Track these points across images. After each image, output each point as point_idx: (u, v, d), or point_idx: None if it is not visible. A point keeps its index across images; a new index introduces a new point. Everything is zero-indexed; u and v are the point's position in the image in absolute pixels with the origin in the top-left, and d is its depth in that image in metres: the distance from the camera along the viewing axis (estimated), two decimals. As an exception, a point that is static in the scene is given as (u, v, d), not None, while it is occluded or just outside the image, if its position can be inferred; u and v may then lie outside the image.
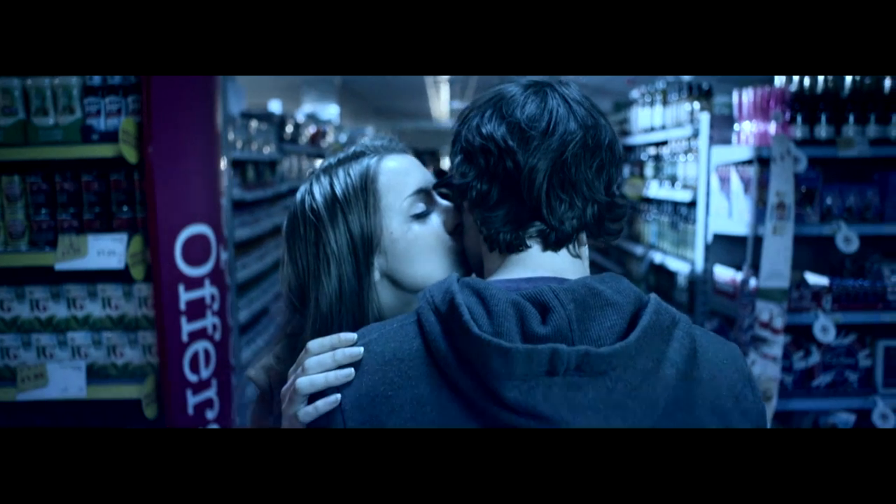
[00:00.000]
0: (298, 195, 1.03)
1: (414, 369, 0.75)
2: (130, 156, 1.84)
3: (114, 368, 2.00)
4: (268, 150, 3.26)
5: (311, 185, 1.02)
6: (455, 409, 0.73)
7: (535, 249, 0.82)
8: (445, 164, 18.14)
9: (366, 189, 0.97)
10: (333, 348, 0.80)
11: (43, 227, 1.97)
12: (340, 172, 0.99)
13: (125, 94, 1.91)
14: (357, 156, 1.02)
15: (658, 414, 0.72)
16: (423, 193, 1.01)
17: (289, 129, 3.74)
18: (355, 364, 0.78)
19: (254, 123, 3.06)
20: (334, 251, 0.96)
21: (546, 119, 0.79)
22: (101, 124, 1.93)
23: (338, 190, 0.98)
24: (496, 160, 0.79)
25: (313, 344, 0.82)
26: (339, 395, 0.77)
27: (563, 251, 0.82)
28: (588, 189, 0.79)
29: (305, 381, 0.79)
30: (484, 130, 0.81)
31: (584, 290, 0.75)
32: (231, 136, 2.67)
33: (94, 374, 1.98)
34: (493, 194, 0.80)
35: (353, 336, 0.80)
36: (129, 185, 1.95)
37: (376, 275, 0.98)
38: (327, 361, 0.79)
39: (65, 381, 1.94)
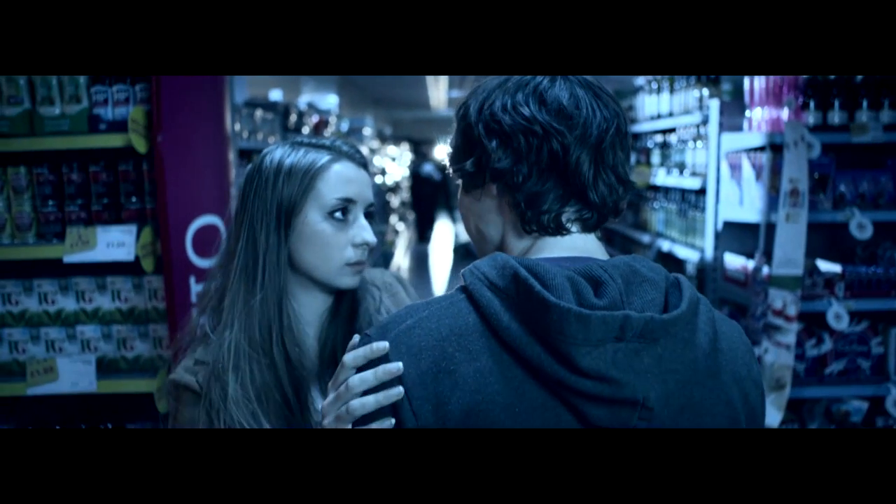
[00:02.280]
0: (265, 151, 1.20)
1: (473, 343, 0.76)
2: (140, 145, 1.81)
3: (124, 362, 1.97)
4: (272, 140, 3.23)
5: (278, 147, 1.19)
6: (520, 377, 0.75)
7: (572, 230, 0.85)
8: (441, 151, 18.07)
9: (307, 173, 1.14)
10: (367, 359, 0.80)
11: (50, 218, 1.93)
12: (301, 150, 1.17)
13: (133, 82, 1.87)
14: (322, 147, 1.18)
15: (697, 379, 0.79)
16: (351, 204, 1.16)
17: (293, 118, 3.70)
18: (411, 341, 0.78)
19: (258, 112, 3.02)
20: (267, 207, 1.15)
21: (584, 105, 0.82)
22: (108, 113, 1.89)
23: (288, 162, 1.15)
24: (540, 142, 0.81)
25: (348, 357, 0.82)
26: (400, 389, 0.77)
27: (592, 233, 0.87)
28: (623, 171, 0.85)
29: (357, 404, 0.79)
30: (525, 112, 0.82)
31: (625, 266, 0.80)
32: (237, 125, 2.64)
33: (105, 367, 1.96)
34: (534, 176, 0.82)
35: (385, 345, 0.79)
36: (138, 176, 1.91)
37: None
38: (369, 379, 0.79)
39: (75, 375, 1.91)
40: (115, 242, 1.85)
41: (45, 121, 1.89)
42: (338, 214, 1.15)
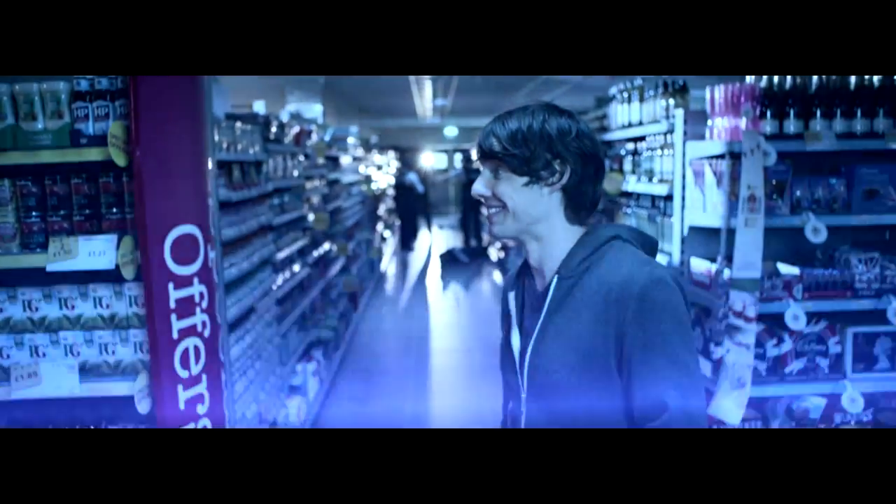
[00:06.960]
0: None
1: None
2: (119, 159, 1.89)
3: (106, 366, 2.05)
4: (253, 151, 3.31)
5: None
6: None
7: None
8: (427, 159, 18.12)
9: None
10: None
11: (34, 229, 2.01)
12: None
13: (113, 98, 1.96)
14: None
15: None
16: None
17: (273, 129, 3.79)
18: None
19: (238, 125, 3.11)
20: None
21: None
22: (89, 128, 1.97)
23: None
24: (598, 166, 1.34)
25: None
26: None
27: None
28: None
29: None
30: (596, 142, 1.32)
31: None
32: (216, 137, 2.72)
33: (87, 371, 2.04)
34: (590, 188, 1.34)
35: None
36: (119, 188, 2.00)
37: None
38: None
39: (58, 379, 1.99)
40: (97, 251, 1.94)
41: (28, 135, 1.98)
42: None
